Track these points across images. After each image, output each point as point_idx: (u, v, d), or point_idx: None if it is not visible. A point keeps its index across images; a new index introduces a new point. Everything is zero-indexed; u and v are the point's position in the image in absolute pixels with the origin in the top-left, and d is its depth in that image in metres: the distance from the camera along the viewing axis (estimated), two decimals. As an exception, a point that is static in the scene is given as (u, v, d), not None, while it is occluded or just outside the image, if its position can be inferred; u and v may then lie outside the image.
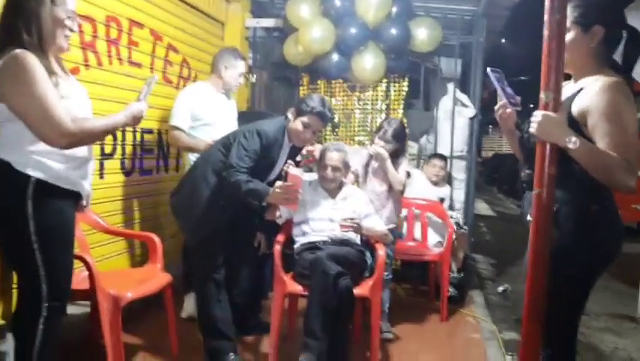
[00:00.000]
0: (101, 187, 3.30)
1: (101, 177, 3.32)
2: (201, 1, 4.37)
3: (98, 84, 3.21)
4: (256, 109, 4.90)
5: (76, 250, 2.75)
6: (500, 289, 5.04)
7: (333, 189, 3.10)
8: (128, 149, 3.59)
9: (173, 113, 3.47)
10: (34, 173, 1.93)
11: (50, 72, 1.93)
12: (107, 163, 3.37)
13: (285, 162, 2.95)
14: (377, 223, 3.08)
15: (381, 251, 2.91)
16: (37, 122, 1.88)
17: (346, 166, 3.12)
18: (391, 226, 3.37)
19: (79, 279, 2.59)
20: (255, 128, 2.77)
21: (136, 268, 3.20)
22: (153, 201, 3.89)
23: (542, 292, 1.60)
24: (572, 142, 1.58)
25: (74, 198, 2.11)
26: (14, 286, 2.46)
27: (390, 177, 3.26)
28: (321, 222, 2.99)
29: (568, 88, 1.84)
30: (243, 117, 3.87)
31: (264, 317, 3.21)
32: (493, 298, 4.81)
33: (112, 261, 3.37)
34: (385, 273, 3.26)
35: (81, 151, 2.06)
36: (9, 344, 2.33)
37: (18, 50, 1.87)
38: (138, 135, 3.69)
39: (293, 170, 2.64)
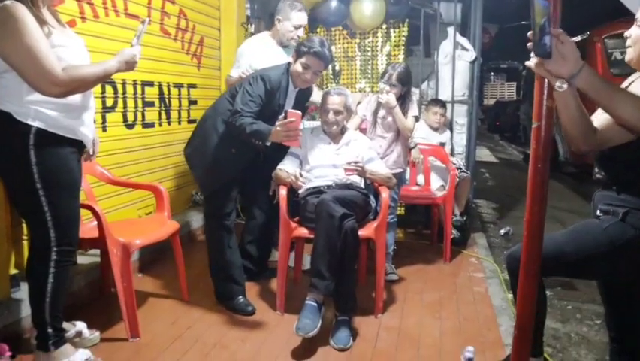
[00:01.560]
0: (104, 140, 3.27)
1: (104, 130, 3.32)
2: (196, -51, 4.26)
3: (95, 36, 3.16)
4: None
5: (84, 201, 2.79)
6: (502, 231, 5.10)
7: (335, 134, 3.09)
8: (130, 102, 3.58)
9: (234, 63, 3.53)
10: (34, 122, 1.96)
11: (42, 22, 1.93)
12: (109, 116, 3.37)
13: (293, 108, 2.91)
14: (380, 167, 3.08)
15: (384, 194, 2.92)
16: (28, 72, 1.89)
17: (348, 110, 3.09)
18: (399, 170, 3.39)
19: (88, 228, 2.63)
20: (260, 74, 2.77)
21: (143, 218, 3.23)
22: (157, 154, 3.90)
23: (540, 234, 1.59)
24: (559, 86, 1.44)
25: (77, 146, 2.12)
26: (25, 237, 2.53)
27: (398, 123, 3.25)
28: (325, 168, 2.99)
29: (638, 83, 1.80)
30: None
31: (273, 264, 3.25)
32: (496, 240, 4.87)
33: (120, 212, 3.42)
34: (390, 216, 3.30)
35: (76, 99, 2.06)
36: (23, 292, 2.39)
37: (7, 2, 1.88)
38: (139, 88, 3.67)
39: (291, 109, 2.64)
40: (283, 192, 2.89)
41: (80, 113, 2.11)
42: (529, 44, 1.40)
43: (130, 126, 3.60)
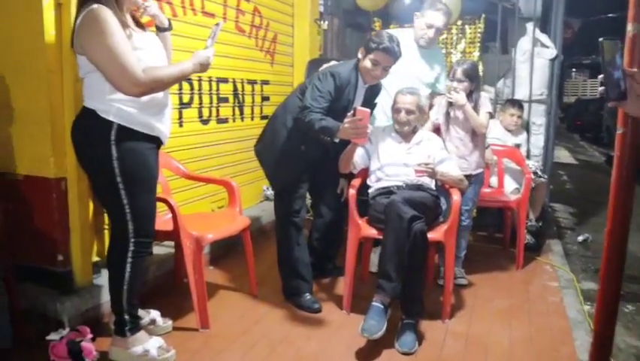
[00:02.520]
0: (180, 135, 3.43)
1: (180, 126, 3.45)
2: (272, -53, 4.31)
3: (173, 35, 3.24)
4: (327, 57, 4.85)
5: (160, 194, 2.92)
6: (580, 238, 4.88)
7: (407, 133, 3.05)
8: (205, 98, 3.69)
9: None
10: (116, 119, 2.06)
11: (124, 25, 2.03)
12: (185, 112, 3.48)
13: (363, 104, 2.90)
14: (452, 168, 3.02)
15: (455, 196, 2.86)
16: (112, 72, 1.98)
17: (420, 110, 3.05)
18: (479, 170, 3.33)
19: (163, 220, 2.74)
20: (329, 70, 2.78)
21: (216, 212, 3.33)
22: (230, 149, 4.00)
23: (623, 244, 1.52)
24: None
25: (155, 142, 2.22)
26: (106, 227, 2.68)
27: (471, 121, 3.16)
28: (395, 167, 2.97)
29: None
30: (314, 64, 3.85)
31: (340, 262, 3.26)
32: (573, 247, 4.67)
33: (193, 205, 3.54)
34: (464, 218, 3.24)
35: (157, 97, 2.15)
36: (104, 278, 2.53)
37: (95, 5, 1.98)
38: (214, 85, 3.77)
39: (360, 107, 2.61)
40: (352, 190, 2.89)
41: (158, 111, 2.20)
42: (600, 89, 1.29)
43: (205, 122, 3.71)
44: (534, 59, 4.48)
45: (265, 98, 4.45)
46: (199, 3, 3.56)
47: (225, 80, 3.91)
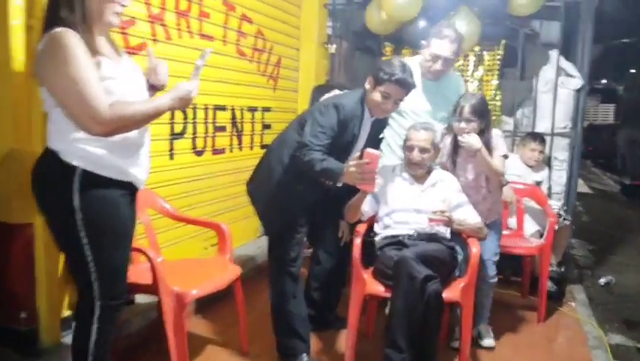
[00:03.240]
0: (171, 168, 3.15)
1: (171, 158, 3.16)
2: (277, -34, 4.06)
3: (167, 59, 2.96)
4: (334, 82, 4.57)
5: (141, 237, 2.61)
6: (603, 281, 4.52)
7: (420, 174, 2.74)
8: (200, 127, 3.40)
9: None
10: (80, 163, 1.75)
11: (93, 51, 1.72)
12: (177, 143, 3.19)
13: (369, 139, 2.64)
14: (470, 215, 2.70)
15: (474, 248, 2.54)
16: (72, 106, 1.69)
17: (436, 148, 2.75)
18: (495, 217, 2.96)
19: (141, 270, 2.41)
20: (332, 102, 2.47)
21: (203, 259, 3.00)
22: (226, 181, 3.71)
23: None
24: None
25: (128, 188, 1.90)
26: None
27: (486, 169, 2.77)
28: (406, 213, 2.67)
29: None
30: (319, 91, 3.55)
31: (342, 312, 2.93)
32: (595, 291, 4.31)
33: (182, 245, 3.23)
34: (488, 273, 2.92)
35: (130, 137, 1.83)
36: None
37: (58, 29, 1.68)
38: (210, 113, 3.49)
39: (368, 149, 2.30)
40: (357, 240, 2.57)
41: (132, 152, 1.88)
42: None
43: (199, 153, 3.42)
44: (557, 89, 4.16)
45: (266, 126, 4.18)
46: (196, 25, 3.28)
47: (223, 108, 3.62)
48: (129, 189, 1.91)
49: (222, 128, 3.64)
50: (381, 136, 2.82)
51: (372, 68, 2.55)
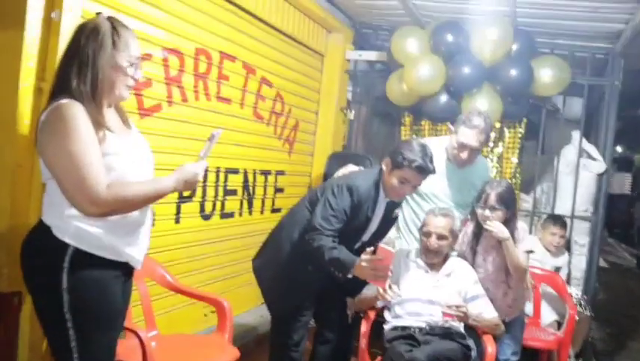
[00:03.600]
0: (176, 233, 3.03)
1: (177, 222, 3.04)
2: (300, 31, 4.04)
3: (182, 122, 2.94)
4: (351, 150, 4.49)
5: (136, 304, 2.47)
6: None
7: (436, 262, 2.60)
8: (210, 191, 3.29)
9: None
10: (72, 241, 1.61)
11: (99, 125, 1.61)
12: (184, 207, 3.08)
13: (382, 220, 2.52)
14: (487, 309, 2.53)
15: (490, 348, 2.37)
16: (67, 183, 1.57)
17: (454, 235, 2.61)
18: (515, 315, 2.75)
19: (132, 347, 2.22)
20: (346, 183, 2.35)
21: (201, 337, 2.83)
22: (233, 246, 3.57)
23: None
24: None
25: (124, 268, 1.76)
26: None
27: (509, 261, 2.59)
28: (420, 303, 2.52)
29: None
30: (335, 159, 3.49)
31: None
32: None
33: (178, 313, 3.07)
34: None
35: (132, 215, 1.71)
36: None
37: (64, 100, 1.58)
38: (222, 176, 3.39)
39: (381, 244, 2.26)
40: (365, 327, 2.44)
41: (130, 232, 1.74)
42: None
43: (207, 217, 3.30)
44: (580, 171, 4.03)
45: (279, 190, 4.06)
46: (214, 87, 3.21)
47: (235, 171, 3.52)
48: (124, 269, 1.77)
49: (233, 192, 3.53)
50: (394, 215, 2.67)
51: (390, 136, 2.46)
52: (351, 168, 2.77)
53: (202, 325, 3.21)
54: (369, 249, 2.13)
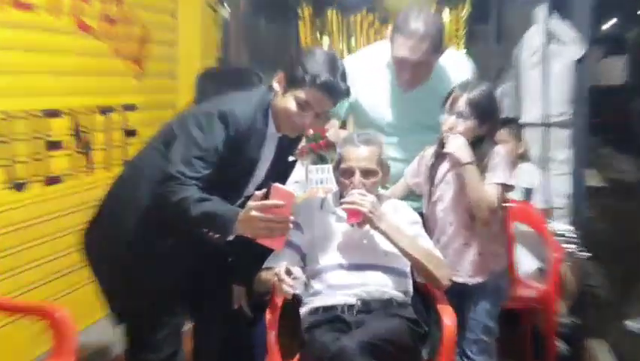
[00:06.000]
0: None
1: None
2: None
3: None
4: (231, 63, 4.61)
5: None
6: (632, 325, 4.58)
7: (362, 210, 2.70)
8: (19, 146, 3.19)
9: None
10: None
11: None
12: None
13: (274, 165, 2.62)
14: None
15: (447, 320, 2.47)
16: None
17: (384, 167, 2.69)
18: (485, 278, 2.83)
19: None
20: (217, 109, 2.36)
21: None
22: (67, 226, 3.49)
23: None
24: None
25: None
26: None
27: (469, 193, 2.66)
28: (344, 272, 2.60)
29: None
30: (209, 79, 3.53)
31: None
32: (625, 343, 4.35)
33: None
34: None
35: None
36: None
37: None
38: (36, 122, 3.29)
39: (279, 185, 2.29)
40: (271, 315, 2.52)
41: None
42: None
43: (20, 186, 3.21)
44: (549, 60, 4.26)
45: (129, 133, 4.07)
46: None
47: (56, 113, 3.43)
48: None
49: (57, 145, 3.46)
50: (291, 159, 2.78)
51: (284, 40, 2.49)
52: (333, 124, 2.86)
53: (31, 350, 3.18)
54: (258, 192, 2.17)
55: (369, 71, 3.04)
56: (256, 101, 2.45)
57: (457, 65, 3.18)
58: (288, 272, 2.37)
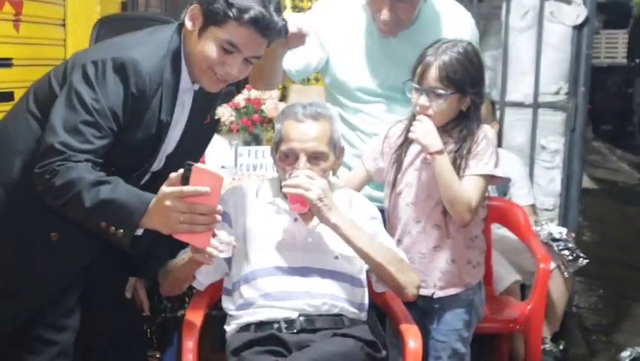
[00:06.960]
0: None
1: None
2: None
3: None
4: (136, 9, 4.49)
5: None
6: (626, 356, 4.72)
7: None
8: None
9: None
10: None
11: None
12: None
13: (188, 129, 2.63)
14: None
15: (411, 341, 2.51)
16: None
17: (336, 149, 2.71)
18: (454, 291, 2.89)
19: None
20: (112, 57, 2.30)
21: None
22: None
23: None
24: None
25: None
26: None
27: (441, 189, 2.71)
28: (285, 277, 2.62)
29: None
30: (109, 28, 3.65)
31: None
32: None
33: None
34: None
35: None
36: None
37: None
38: None
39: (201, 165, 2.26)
40: (189, 343, 2.47)
41: None
42: None
43: None
44: (544, 26, 4.35)
45: (5, 96, 4.00)
46: None
47: None
48: None
49: None
50: (211, 119, 2.78)
51: None
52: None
53: None
54: (173, 174, 2.11)
55: (338, 14, 3.09)
56: (163, 47, 2.41)
57: (454, 15, 3.21)
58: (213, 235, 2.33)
